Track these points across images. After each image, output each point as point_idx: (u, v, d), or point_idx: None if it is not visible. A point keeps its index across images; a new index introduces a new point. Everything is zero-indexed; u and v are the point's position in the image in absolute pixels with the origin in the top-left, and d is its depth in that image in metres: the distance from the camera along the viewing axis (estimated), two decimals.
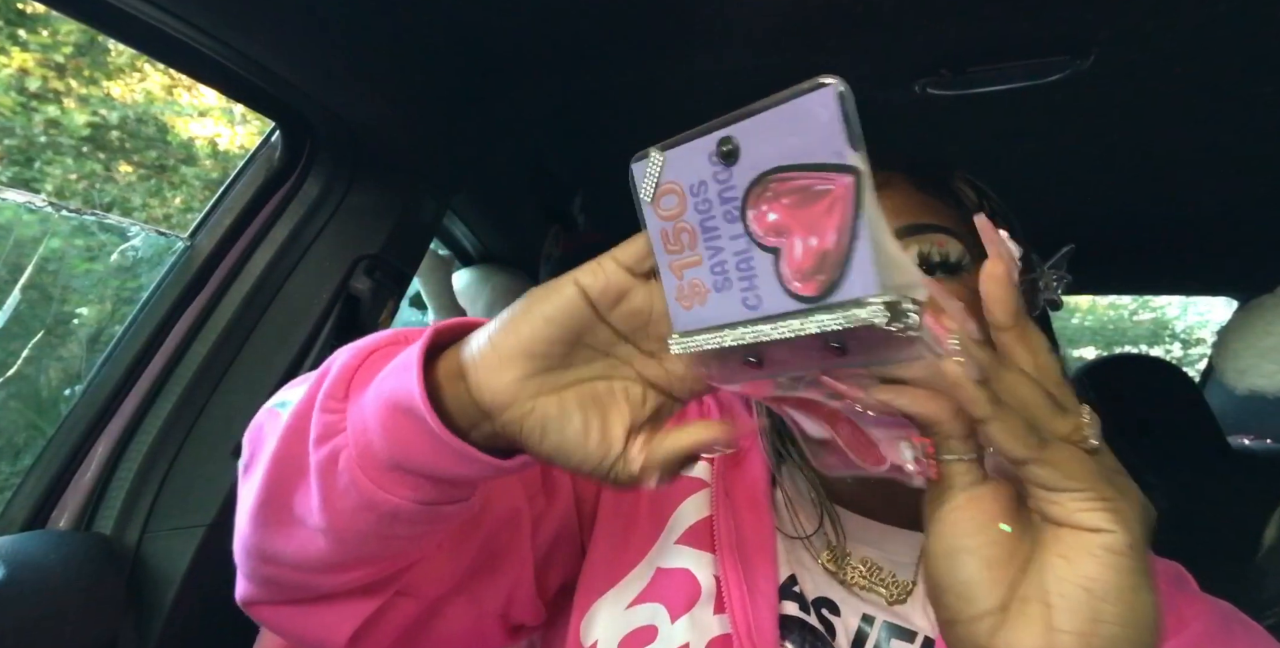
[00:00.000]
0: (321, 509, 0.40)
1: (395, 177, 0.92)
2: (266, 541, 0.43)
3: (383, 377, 0.39)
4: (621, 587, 0.55)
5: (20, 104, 2.00)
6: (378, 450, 0.38)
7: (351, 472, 0.38)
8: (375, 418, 0.38)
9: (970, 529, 0.34)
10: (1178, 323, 5.82)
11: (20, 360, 1.07)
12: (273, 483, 0.41)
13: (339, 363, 0.41)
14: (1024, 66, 0.81)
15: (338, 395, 0.40)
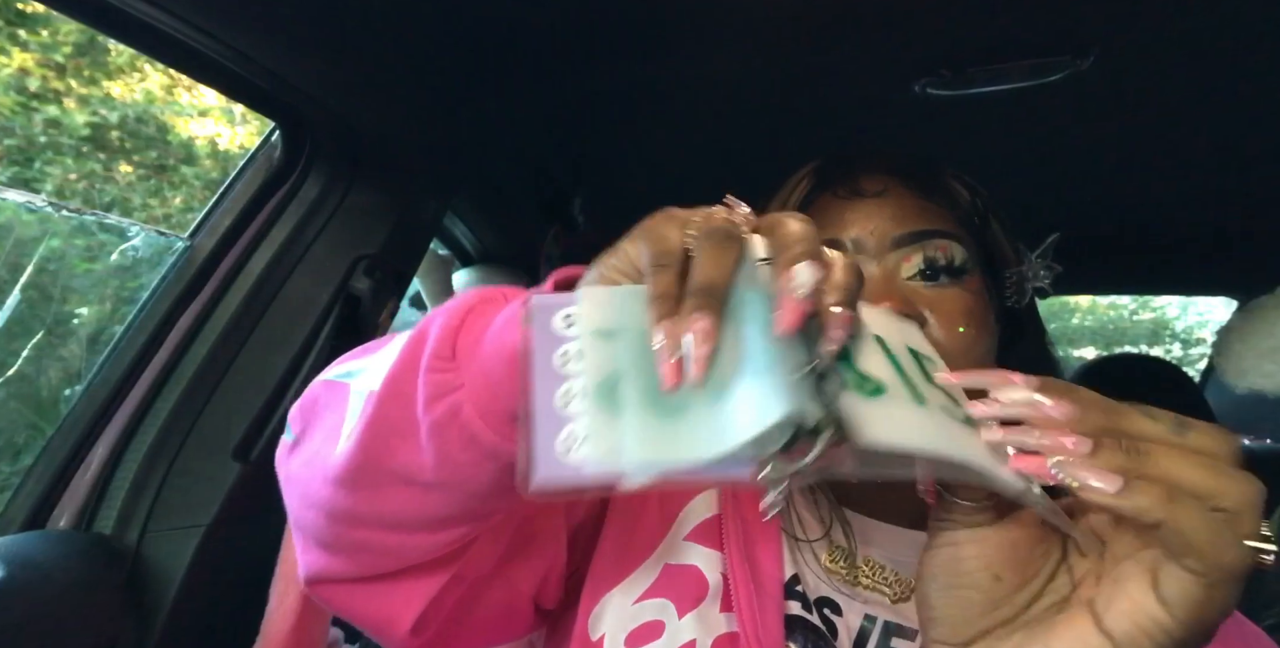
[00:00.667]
0: (439, 466, 0.40)
1: (395, 176, 0.92)
2: (364, 503, 0.43)
3: (500, 331, 0.39)
4: (630, 581, 0.55)
5: (20, 104, 2.00)
6: (501, 402, 0.38)
7: (474, 425, 0.39)
8: (499, 371, 0.38)
9: (963, 569, 0.35)
10: (1178, 323, 5.82)
11: (20, 360, 1.07)
12: (370, 446, 0.41)
13: (439, 323, 0.41)
14: (1024, 66, 0.81)
15: (444, 355, 0.40)
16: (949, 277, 0.54)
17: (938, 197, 0.58)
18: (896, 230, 0.55)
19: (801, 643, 0.51)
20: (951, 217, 0.57)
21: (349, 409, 0.44)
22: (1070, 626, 0.34)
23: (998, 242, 0.60)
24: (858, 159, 0.61)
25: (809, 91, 0.95)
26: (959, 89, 0.86)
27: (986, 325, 0.55)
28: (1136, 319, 6.01)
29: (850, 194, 0.58)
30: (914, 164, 0.60)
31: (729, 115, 1.06)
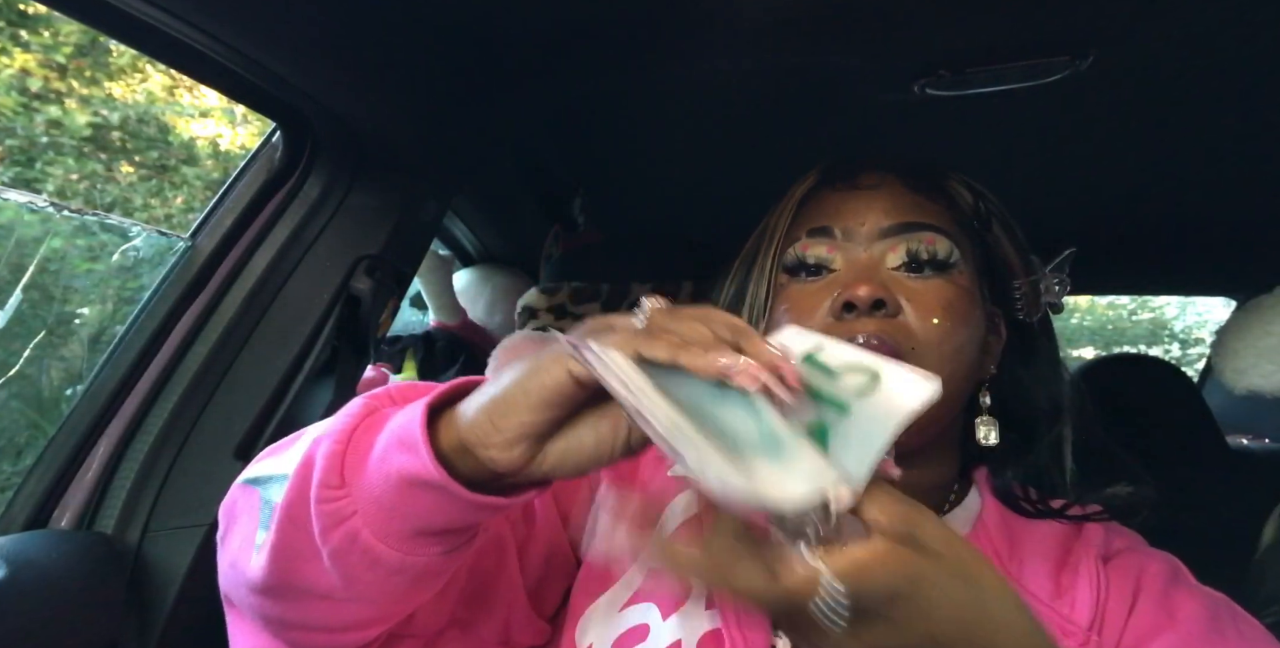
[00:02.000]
0: (347, 585, 0.42)
1: (396, 177, 0.92)
2: (286, 611, 0.45)
3: (382, 456, 0.40)
4: (615, 590, 0.55)
5: (22, 104, 2.00)
6: (399, 524, 0.40)
7: (374, 548, 0.40)
8: (391, 496, 0.40)
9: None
10: (1176, 323, 5.82)
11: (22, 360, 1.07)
12: (279, 567, 0.43)
13: (324, 450, 0.42)
14: (1023, 67, 0.81)
15: (332, 483, 0.41)
16: (933, 269, 0.55)
17: (934, 194, 0.59)
18: (885, 221, 0.56)
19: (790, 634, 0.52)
20: (946, 214, 0.58)
21: (259, 519, 0.45)
22: None
23: (1000, 247, 0.60)
24: (863, 160, 0.62)
25: (809, 92, 0.95)
26: (959, 89, 0.86)
27: (968, 321, 0.55)
28: (1135, 319, 6.01)
29: (847, 187, 0.59)
30: (915, 164, 0.61)
31: (729, 115, 1.06)
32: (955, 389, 0.55)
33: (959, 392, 0.56)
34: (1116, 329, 6.02)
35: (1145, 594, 0.53)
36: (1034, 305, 0.60)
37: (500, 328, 1.52)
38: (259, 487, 0.47)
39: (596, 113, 1.08)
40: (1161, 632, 0.50)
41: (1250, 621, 0.53)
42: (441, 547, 0.42)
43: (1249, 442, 1.73)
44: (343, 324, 0.88)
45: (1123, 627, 0.52)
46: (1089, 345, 5.80)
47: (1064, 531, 0.57)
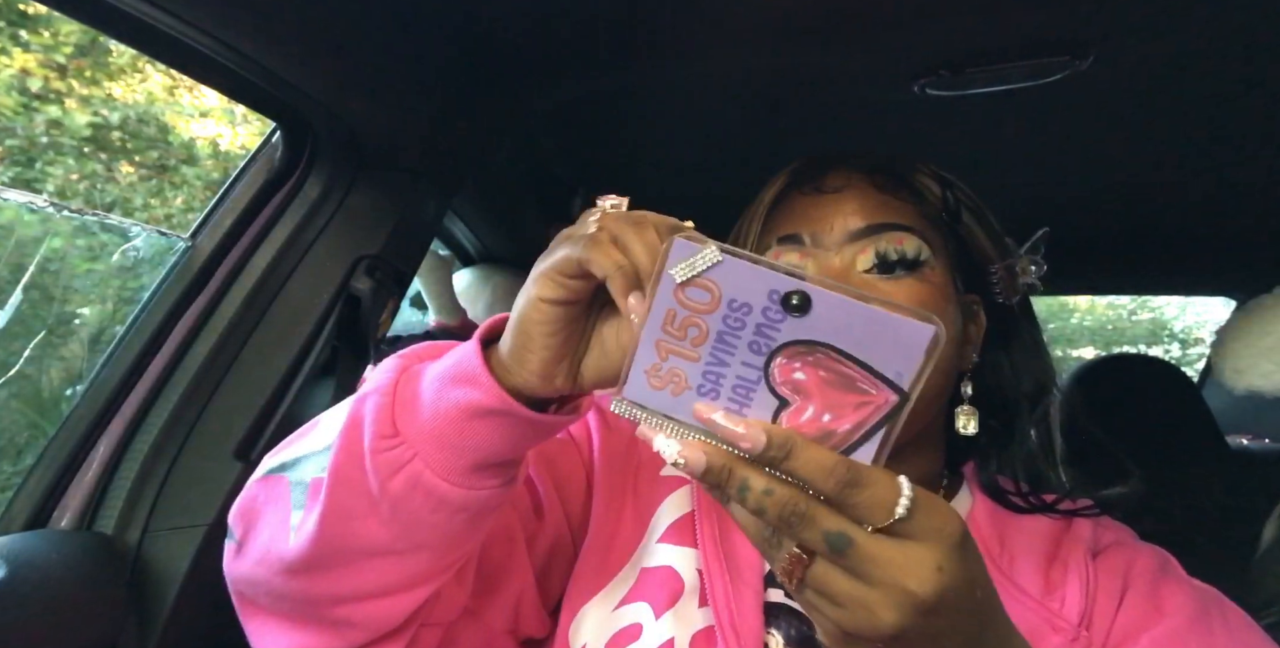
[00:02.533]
0: (407, 533, 0.43)
1: (395, 177, 0.92)
2: (335, 583, 0.45)
3: (438, 396, 0.43)
4: (609, 590, 0.56)
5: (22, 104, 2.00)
6: (461, 458, 0.42)
7: (437, 487, 0.42)
8: (452, 431, 0.42)
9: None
10: (1176, 323, 5.82)
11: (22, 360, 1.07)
12: (329, 533, 0.44)
13: (372, 405, 0.44)
14: (1023, 67, 0.81)
15: (387, 433, 0.43)
16: (904, 269, 0.55)
17: (901, 192, 0.59)
18: (852, 225, 0.56)
19: (784, 629, 0.52)
20: (913, 211, 0.58)
21: (292, 502, 0.46)
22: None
23: (973, 236, 0.60)
24: (830, 159, 0.62)
25: (808, 91, 0.95)
26: (958, 89, 0.86)
27: (943, 318, 0.55)
28: (1135, 319, 6.01)
29: (813, 191, 0.60)
30: (882, 162, 0.61)
31: (729, 115, 1.06)
32: (937, 384, 0.55)
33: (942, 386, 0.57)
34: (1116, 329, 6.03)
35: (1134, 589, 0.53)
36: (1011, 288, 0.60)
37: None
38: (286, 472, 0.47)
39: (596, 113, 1.08)
40: (1150, 626, 0.51)
41: (1238, 612, 0.53)
42: (499, 478, 0.44)
43: (1249, 442, 1.73)
44: (343, 324, 0.88)
45: (1112, 622, 0.52)
46: (1089, 345, 5.80)
47: (1053, 526, 0.58)
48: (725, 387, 0.35)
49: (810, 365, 0.33)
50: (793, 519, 0.33)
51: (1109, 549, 0.57)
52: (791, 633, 0.52)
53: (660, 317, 0.35)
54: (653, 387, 0.36)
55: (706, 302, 0.34)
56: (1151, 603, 0.52)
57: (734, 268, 0.33)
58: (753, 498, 0.33)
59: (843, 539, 0.33)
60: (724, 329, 0.34)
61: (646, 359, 0.36)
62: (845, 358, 0.33)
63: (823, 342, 0.33)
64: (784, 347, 0.33)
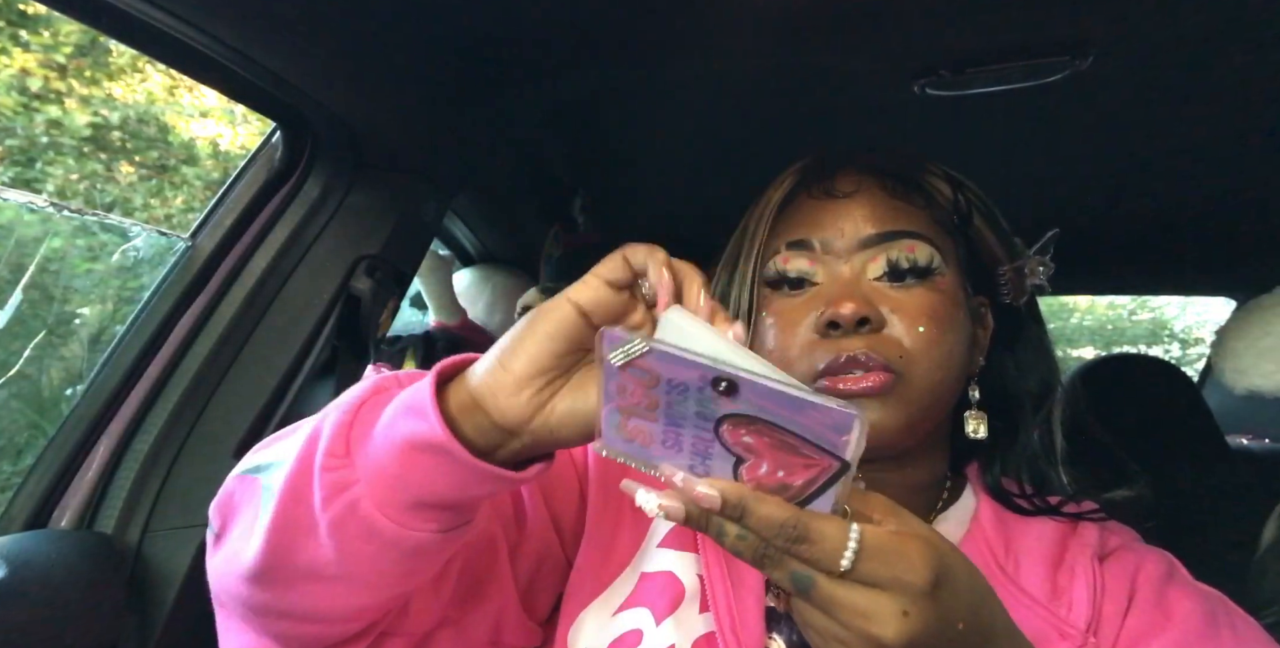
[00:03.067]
0: (340, 560, 0.42)
1: (396, 177, 0.92)
2: (277, 599, 0.44)
3: (389, 423, 0.41)
4: (607, 595, 0.55)
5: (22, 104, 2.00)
6: (399, 493, 0.41)
7: (372, 518, 0.41)
8: (394, 462, 0.40)
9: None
10: (1176, 323, 5.82)
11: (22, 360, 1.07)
12: (276, 545, 0.43)
13: (331, 421, 0.43)
14: (1023, 67, 0.81)
15: (338, 453, 0.42)
16: (915, 277, 0.55)
17: (913, 195, 0.58)
18: (864, 231, 0.56)
19: (786, 634, 0.52)
20: (925, 216, 0.58)
21: (261, 506, 0.45)
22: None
23: (983, 238, 0.60)
24: (839, 158, 0.61)
25: (809, 91, 0.95)
26: (959, 89, 0.86)
27: (954, 325, 0.55)
28: (1135, 319, 6.01)
29: (823, 195, 0.59)
30: (893, 163, 0.60)
31: (729, 115, 1.06)
32: (946, 391, 0.55)
33: (950, 392, 0.56)
34: (1116, 329, 6.02)
35: (1141, 594, 0.53)
36: (1019, 289, 0.60)
37: (500, 328, 1.52)
38: (259, 475, 0.46)
39: (596, 113, 1.08)
40: (1158, 632, 0.50)
41: (1246, 618, 0.53)
42: (438, 523, 0.42)
43: (1249, 442, 1.73)
44: (343, 324, 0.88)
45: (1119, 627, 0.52)
46: (1089, 345, 5.80)
47: (1059, 528, 0.57)
48: (686, 443, 0.38)
49: (755, 432, 0.36)
50: (764, 561, 0.36)
51: (1115, 553, 0.57)
52: (793, 638, 0.52)
53: (613, 390, 0.38)
54: (626, 438, 0.39)
55: (648, 379, 0.37)
56: (1160, 609, 0.52)
57: (661, 357, 0.36)
58: (729, 542, 0.36)
59: (806, 581, 0.35)
60: (670, 401, 0.37)
61: (612, 418, 0.39)
62: (786, 433, 0.35)
63: (761, 418, 0.35)
64: (726, 417, 0.36)
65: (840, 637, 0.35)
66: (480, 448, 0.41)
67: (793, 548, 0.35)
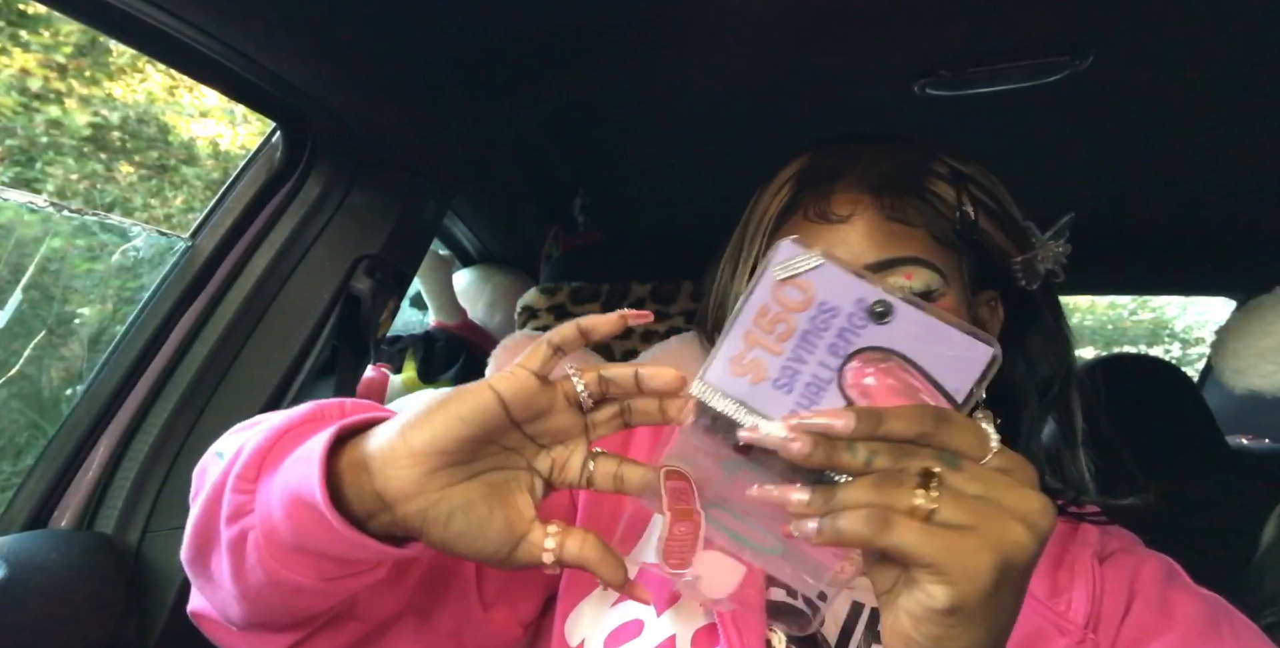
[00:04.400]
0: (234, 580, 0.43)
1: (396, 176, 0.92)
2: (201, 587, 0.46)
3: (289, 464, 0.41)
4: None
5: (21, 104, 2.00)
6: (282, 534, 0.40)
7: (258, 551, 0.41)
8: (279, 505, 0.40)
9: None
10: (1177, 323, 5.81)
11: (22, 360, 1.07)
12: (194, 545, 0.44)
13: (252, 443, 0.43)
14: (1023, 67, 0.81)
15: (249, 477, 0.42)
16: None
17: (911, 213, 0.56)
18: (861, 260, 0.55)
19: (787, 626, 0.52)
20: (924, 236, 0.56)
21: (200, 492, 0.46)
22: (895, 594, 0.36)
23: (990, 238, 0.58)
24: (839, 162, 0.59)
25: (809, 91, 0.95)
26: (959, 89, 0.86)
27: None
28: (1136, 319, 6.01)
29: (819, 218, 0.57)
30: (892, 170, 0.58)
31: (729, 115, 1.06)
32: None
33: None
34: (1116, 329, 6.02)
35: (1141, 595, 0.53)
36: (1033, 277, 0.59)
37: (500, 328, 1.52)
38: (220, 458, 0.47)
39: (596, 113, 1.08)
40: (1159, 633, 0.51)
41: (1245, 622, 0.53)
42: (318, 573, 0.41)
43: (1249, 442, 1.73)
44: (343, 324, 0.88)
45: (1119, 627, 0.52)
46: (1089, 345, 5.80)
47: (1060, 529, 0.57)
48: (799, 383, 0.38)
49: (881, 372, 0.36)
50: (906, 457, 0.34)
51: (1115, 556, 0.57)
52: (794, 630, 0.52)
53: (754, 310, 0.38)
54: (734, 373, 0.38)
55: (799, 301, 0.37)
56: (1160, 611, 0.52)
57: (830, 273, 0.37)
58: (861, 462, 0.35)
59: (955, 460, 0.34)
60: (809, 329, 0.37)
61: (733, 347, 0.38)
62: (913, 368, 0.36)
63: (896, 351, 0.36)
64: (860, 351, 0.37)
65: (1009, 499, 0.34)
66: (356, 513, 0.39)
67: (937, 436, 0.34)
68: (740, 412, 0.38)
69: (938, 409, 0.35)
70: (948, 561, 0.33)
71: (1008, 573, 0.33)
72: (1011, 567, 0.33)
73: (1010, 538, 0.33)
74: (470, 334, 1.47)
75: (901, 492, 0.34)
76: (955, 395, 0.36)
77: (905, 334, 0.36)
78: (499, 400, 0.39)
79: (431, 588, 0.52)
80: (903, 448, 0.35)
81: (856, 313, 0.36)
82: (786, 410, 0.37)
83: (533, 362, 0.40)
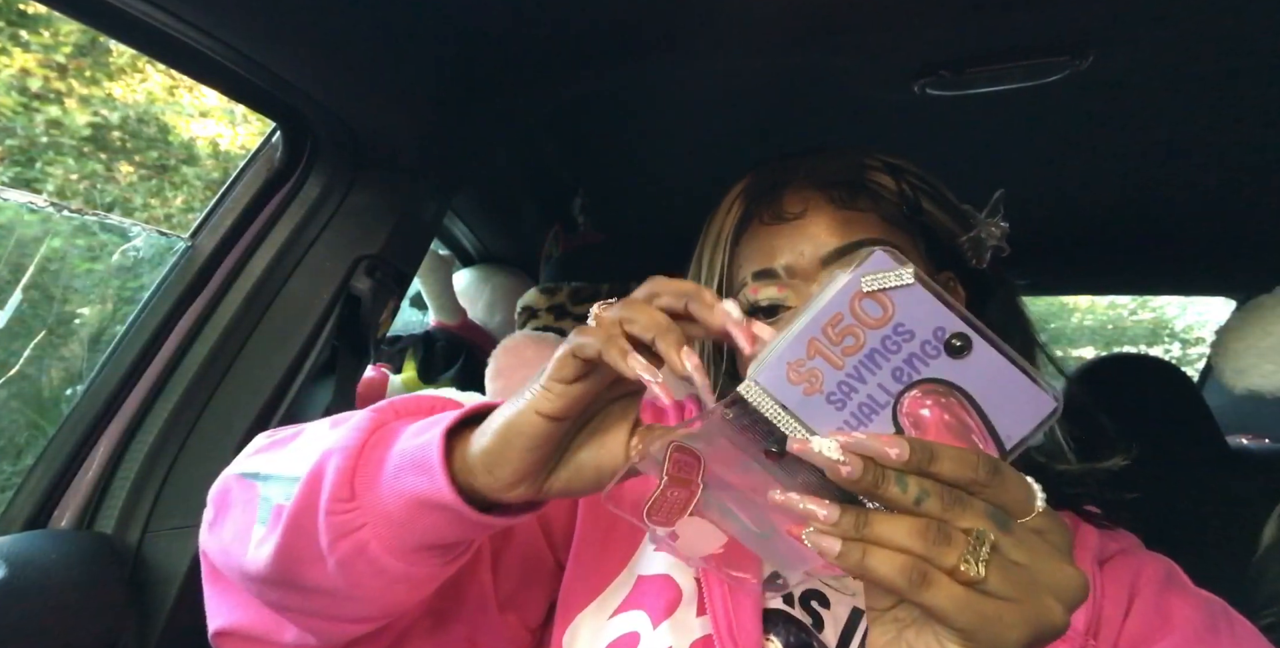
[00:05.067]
0: (350, 588, 0.44)
1: (396, 177, 0.92)
2: (286, 599, 0.46)
3: (396, 475, 0.42)
4: (604, 598, 0.55)
5: (22, 104, 2.00)
6: (408, 539, 0.42)
7: (380, 559, 0.42)
8: (401, 513, 0.42)
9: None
10: (1177, 322, 5.81)
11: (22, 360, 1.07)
12: (282, 566, 0.44)
13: (334, 464, 0.44)
14: (1023, 67, 0.81)
15: (343, 497, 0.43)
16: None
17: (860, 200, 0.60)
18: (823, 249, 0.57)
19: (783, 636, 0.52)
20: (876, 219, 0.59)
21: (258, 515, 0.47)
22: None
23: (935, 219, 0.62)
24: (780, 175, 0.62)
25: (809, 92, 0.95)
26: (959, 89, 0.86)
27: None
28: (1136, 319, 6.01)
29: (774, 220, 0.60)
30: (832, 172, 0.61)
31: (729, 115, 1.06)
32: None
33: None
34: (1116, 329, 6.02)
35: (1141, 598, 0.53)
36: (981, 254, 0.62)
37: (500, 328, 1.52)
38: (258, 482, 0.48)
39: (596, 113, 1.08)
40: (1158, 637, 0.51)
41: (1245, 623, 0.53)
42: (443, 559, 0.44)
43: (1249, 442, 1.73)
44: (343, 324, 0.88)
45: (1119, 631, 0.52)
46: (1089, 345, 5.80)
47: None
48: (853, 402, 0.36)
49: (939, 406, 0.35)
50: (954, 508, 0.33)
51: (1115, 558, 0.57)
52: (790, 639, 0.52)
53: (826, 317, 0.36)
54: (789, 380, 0.36)
55: (876, 318, 0.36)
56: (1160, 614, 0.52)
57: (918, 295, 0.35)
58: (908, 496, 0.33)
59: (1004, 519, 0.33)
60: (878, 348, 0.36)
61: (794, 353, 0.36)
62: (973, 408, 0.35)
63: (962, 387, 0.35)
64: (925, 381, 0.35)
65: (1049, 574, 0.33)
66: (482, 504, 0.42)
67: (988, 489, 0.33)
68: (786, 420, 0.36)
69: (991, 459, 0.34)
70: (981, 630, 0.32)
71: (1034, 646, 0.33)
72: (1041, 642, 0.33)
73: (1048, 618, 0.33)
74: (470, 334, 1.47)
75: (950, 551, 0.32)
76: (1006, 441, 0.35)
77: (974, 372, 0.35)
78: (548, 419, 0.39)
79: (450, 592, 0.52)
80: (955, 495, 0.33)
81: (932, 341, 0.35)
82: (834, 427, 0.36)
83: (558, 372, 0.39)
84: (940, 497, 0.33)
